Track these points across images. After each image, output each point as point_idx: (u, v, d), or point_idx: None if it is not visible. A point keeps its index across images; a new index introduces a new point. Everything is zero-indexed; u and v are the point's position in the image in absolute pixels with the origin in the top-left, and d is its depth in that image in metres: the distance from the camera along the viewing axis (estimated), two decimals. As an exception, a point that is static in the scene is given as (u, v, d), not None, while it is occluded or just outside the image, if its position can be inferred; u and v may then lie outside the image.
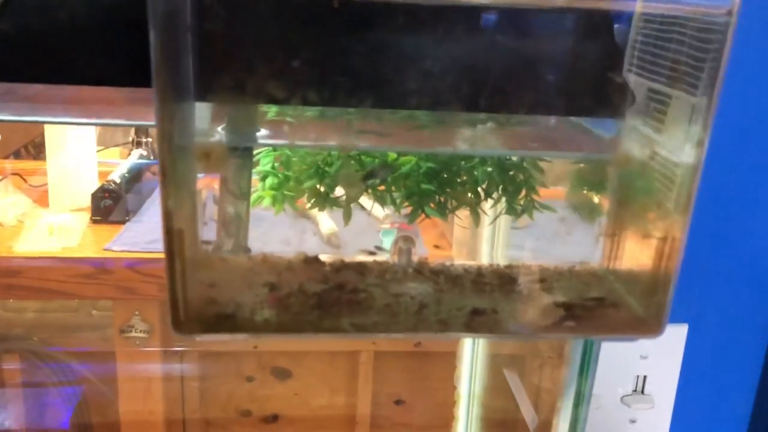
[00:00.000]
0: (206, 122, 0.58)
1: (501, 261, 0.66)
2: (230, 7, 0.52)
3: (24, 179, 1.89)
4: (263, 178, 0.73)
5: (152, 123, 0.47)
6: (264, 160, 0.73)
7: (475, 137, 0.63)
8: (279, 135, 0.63)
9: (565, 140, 0.64)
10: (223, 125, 0.60)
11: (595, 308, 0.57)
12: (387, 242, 0.67)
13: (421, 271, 0.62)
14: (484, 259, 0.71)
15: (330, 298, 0.56)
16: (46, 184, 1.76)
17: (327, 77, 0.51)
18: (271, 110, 0.61)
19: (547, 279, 0.61)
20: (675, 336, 0.87)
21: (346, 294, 0.56)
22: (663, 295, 0.54)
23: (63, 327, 1.92)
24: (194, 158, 0.56)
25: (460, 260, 0.67)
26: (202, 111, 0.56)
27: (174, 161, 0.50)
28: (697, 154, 0.50)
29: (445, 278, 0.61)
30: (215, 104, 0.57)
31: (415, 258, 0.63)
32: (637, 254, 0.59)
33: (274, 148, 0.70)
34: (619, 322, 0.55)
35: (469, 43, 0.53)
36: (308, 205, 0.73)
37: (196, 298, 0.54)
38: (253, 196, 0.72)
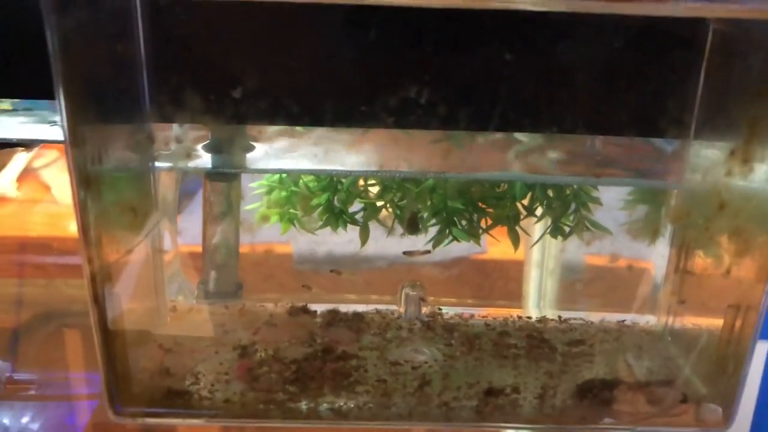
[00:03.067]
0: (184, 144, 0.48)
1: (548, 309, 0.55)
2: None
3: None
4: (268, 192, 0.62)
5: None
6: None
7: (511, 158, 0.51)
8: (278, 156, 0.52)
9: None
10: (204, 144, 0.50)
11: (645, 388, 0.44)
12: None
13: (432, 326, 0.51)
14: (530, 305, 0.59)
15: (311, 368, 0.45)
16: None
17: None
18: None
19: (585, 340, 0.49)
20: (756, 351, 0.75)
21: (332, 362, 0.46)
22: (734, 377, 0.41)
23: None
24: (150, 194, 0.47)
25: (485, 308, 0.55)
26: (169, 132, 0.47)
27: (106, 208, 0.40)
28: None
29: (460, 337, 0.50)
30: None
31: (425, 309, 0.52)
32: (704, 314, 0.46)
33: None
34: (672, 409, 0.43)
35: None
36: (319, 223, 0.62)
37: (146, 369, 0.44)
38: (257, 214, 0.61)
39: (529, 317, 0.53)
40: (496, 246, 0.58)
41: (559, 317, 0.53)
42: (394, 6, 0.41)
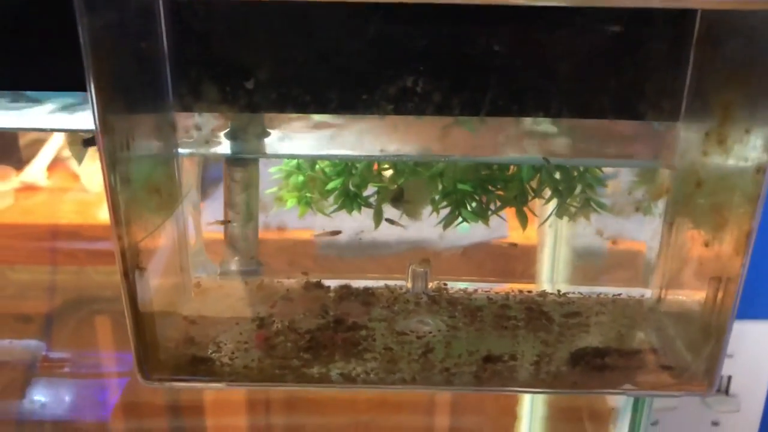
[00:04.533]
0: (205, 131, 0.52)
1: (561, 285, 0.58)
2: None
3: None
4: (287, 177, 0.66)
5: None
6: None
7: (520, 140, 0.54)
8: (294, 141, 0.55)
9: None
10: (225, 132, 0.53)
11: (634, 355, 0.48)
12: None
13: (437, 300, 0.54)
14: (544, 282, 0.62)
15: (324, 337, 0.49)
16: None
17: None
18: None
19: (583, 312, 0.52)
20: (766, 334, 0.77)
21: (342, 332, 0.50)
22: (716, 345, 0.45)
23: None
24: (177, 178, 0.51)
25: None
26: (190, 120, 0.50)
27: (134, 191, 0.44)
28: (756, 179, 0.40)
29: (464, 310, 0.53)
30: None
31: (432, 284, 0.55)
32: (691, 287, 0.49)
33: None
34: (659, 375, 0.46)
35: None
36: (334, 206, 0.65)
37: (172, 338, 0.48)
38: (276, 197, 0.65)
39: (530, 291, 0.56)
40: (517, 230, 0.61)
41: (558, 291, 0.56)
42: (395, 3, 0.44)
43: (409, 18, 0.44)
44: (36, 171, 1.22)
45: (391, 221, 0.57)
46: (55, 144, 1.27)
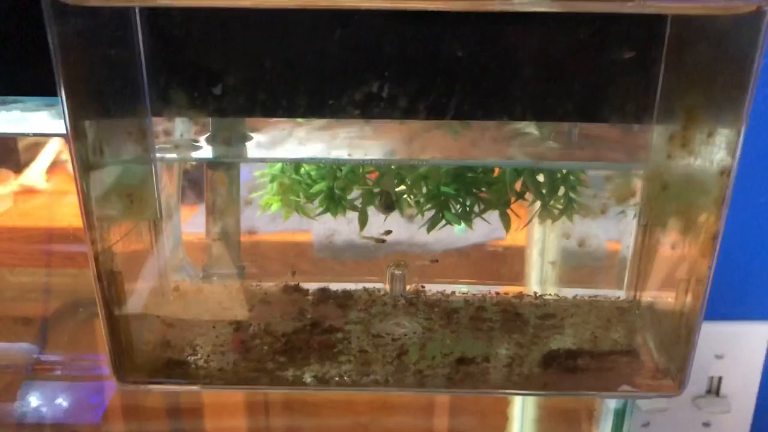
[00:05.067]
0: (186, 136, 0.53)
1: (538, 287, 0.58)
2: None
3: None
4: (271, 181, 0.67)
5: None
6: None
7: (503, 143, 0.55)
8: (274, 145, 0.56)
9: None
10: (206, 136, 0.54)
11: (607, 357, 0.48)
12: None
13: (415, 302, 0.55)
14: (532, 284, 0.62)
15: (299, 340, 0.49)
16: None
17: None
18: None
19: (557, 314, 0.53)
20: (756, 334, 0.77)
21: (318, 335, 0.50)
22: (685, 346, 0.45)
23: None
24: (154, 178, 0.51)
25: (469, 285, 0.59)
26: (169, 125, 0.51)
27: (107, 195, 0.44)
28: (720, 182, 0.40)
29: (441, 312, 0.53)
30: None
31: (410, 287, 0.56)
32: (663, 288, 0.50)
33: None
34: (632, 377, 0.46)
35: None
36: (319, 210, 0.66)
37: (148, 342, 0.49)
38: (262, 201, 0.65)
39: (506, 293, 0.56)
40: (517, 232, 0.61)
41: (535, 293, 0.56)
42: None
43: (377, 24, 0.45)
44: (35, 174, 1.23)
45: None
46: (54, 147, 1.28)
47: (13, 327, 1.10)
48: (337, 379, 0.47)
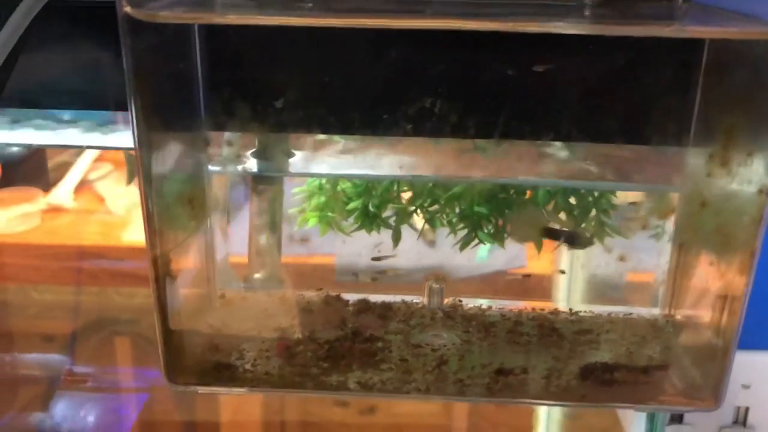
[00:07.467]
0: (234, 149, 0.55)
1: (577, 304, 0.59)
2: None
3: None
4: (309, 197, 0.69)
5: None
6: (310, 179, 0.68)
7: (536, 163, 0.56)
8: (317, 162, 0.58)
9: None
10: (252, 151, 0.56)
11: (643, 371, 0.49)
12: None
13: (452, 316, 0.56)
14: (558, 301, 0.63)
15: (342, 347, 0.51)
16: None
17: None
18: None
19: (593, 330, 0.54)
20: None
21: (360, 343, 0.52)
22: (721, 362, 0.46)
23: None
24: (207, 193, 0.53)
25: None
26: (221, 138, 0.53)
27: (167, 203, 0.46)
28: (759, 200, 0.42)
29: (478, 326, 0.55)
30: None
31: (447, 300, 0.57)
32: (699, 306, 0.51)
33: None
34: (668, 390, 0.48)
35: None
36: (354, 226, 0.68)
37: (198, 345, 0.51)
38: (299, 218, 0.67)
39: (542, 309, 0.58)
40: (533, 260, 0.62)
41: (570, 309, 0.57)
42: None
43: (428, 43, 0.47)
44: (63, 193, 1.25)
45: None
46: (82, 166, 1.30)
47: (37, 343, 1.13)
48: (379, 385, 0.48)
